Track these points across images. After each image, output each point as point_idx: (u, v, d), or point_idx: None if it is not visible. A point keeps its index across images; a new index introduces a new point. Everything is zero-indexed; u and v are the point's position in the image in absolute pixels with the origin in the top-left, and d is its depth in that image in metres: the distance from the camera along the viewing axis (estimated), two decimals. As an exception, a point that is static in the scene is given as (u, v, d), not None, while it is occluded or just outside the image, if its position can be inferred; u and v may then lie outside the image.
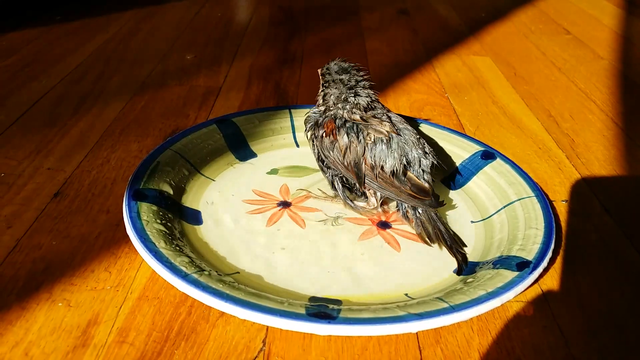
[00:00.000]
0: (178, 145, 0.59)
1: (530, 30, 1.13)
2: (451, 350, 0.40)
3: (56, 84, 0.79)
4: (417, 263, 0.48)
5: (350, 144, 0.50)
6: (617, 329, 0.42)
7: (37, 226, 0.50)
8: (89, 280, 0.44)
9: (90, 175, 0.58)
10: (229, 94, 0.79)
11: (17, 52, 0.90)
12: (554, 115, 0.77)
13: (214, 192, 0.56)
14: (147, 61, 0.90)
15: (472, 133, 0.70)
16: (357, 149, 0.50)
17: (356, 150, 0.50)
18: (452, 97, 0.81)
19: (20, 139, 0.64)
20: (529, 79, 0.89)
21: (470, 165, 0.60)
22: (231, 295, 0.39)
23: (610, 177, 0.63)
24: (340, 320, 0.38)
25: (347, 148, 0.50)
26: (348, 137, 0.50)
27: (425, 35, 1.08)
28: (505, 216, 0.53)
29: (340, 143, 0.51)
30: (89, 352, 0.38)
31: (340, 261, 0.48)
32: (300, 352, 0.39)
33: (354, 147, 0.50)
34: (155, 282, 0.44)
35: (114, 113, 0.72)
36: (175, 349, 0.38)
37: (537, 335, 0.41)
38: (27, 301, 0.42)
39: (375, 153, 0.50)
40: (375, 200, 0.53)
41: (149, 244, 0.44)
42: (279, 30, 1.09)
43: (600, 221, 0.55)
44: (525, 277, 0.43)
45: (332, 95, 0.53)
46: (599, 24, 1.20)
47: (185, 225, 0.50)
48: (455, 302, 0.40)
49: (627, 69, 0.95)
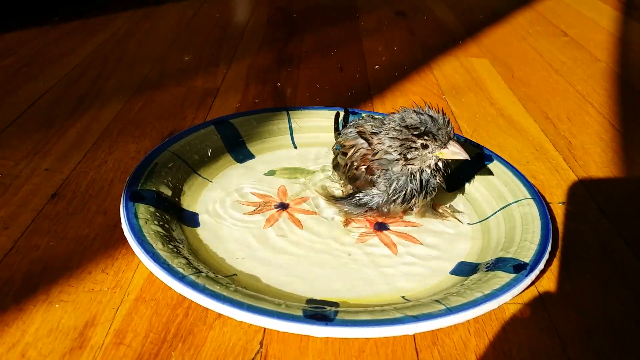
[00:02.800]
0: (176, 146, 0.59)
1: (528, 33, 1.13)
2: (448, 352, 0.40)
3: (54, 84, 0.79)
4: (414, 265, 0.48)
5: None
6: (613, 331, 0.42)
7: (34, 227, 0.50)
8: (86, 281, 0.44)
9: (87, 177, 0.58)
10: (227, 95, 0.79)
11: (14, 53, 0.90)
12: (551, 118, 0.77)
13: (212, 193, 0.56)
14: (144, 62, 0.90)
15: (470, 135, 0.71)
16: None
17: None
18: (449, 99, 0.81)
19: (17, 140, 0.64)
20: (526, 81, 0.89)
21: (467, 167, 0.60)
22: (228, 297, 0.39)
23: (607, 180, 0.63)
24: (337, 322, 0.38)
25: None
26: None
27: (422, 37, 1.09)
28: (502, 218, 0.53)
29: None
30: (86, 353, 0.38)
31: (338, 263, 0.48)
32: (297, 354, 0.39)
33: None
34: (153, 284, 0.44)
35: (112, 114, 0.71)
36: (172, 351, 0.38)
37: (534, 338, 0.41)
38: (24, 303, 0.42)
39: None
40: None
41: (146, 246, 0.44)
42: (277, 31, 1.09)
43: (597, 223, 0.55)
44: (522, 279, 0.43)
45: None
46: (597, 26, 1.20)
47: (182, 226, 0.50)
48: (452, 304, 0.40)
49: (624, 72, 0.95)
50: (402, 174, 0.50)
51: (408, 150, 0.49)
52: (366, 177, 0.51)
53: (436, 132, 0.48)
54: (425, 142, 0.48)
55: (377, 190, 0.51)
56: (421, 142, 0.48)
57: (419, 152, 0.49)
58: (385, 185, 0.50)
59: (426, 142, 0.48)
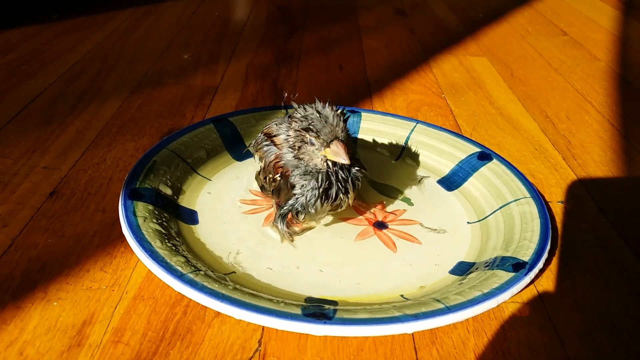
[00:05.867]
0: (175, 144, 0.59)
1: (527, 31, 1.13)
2: (447, 351, 0.40)
3: (53, 82, 0.79)
4: (413, 264, 0.48)
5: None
6: (612, 329, 0.42)
7: (32, 225, 0.50)
8: (84, 279, 0.44)
9: (86, 174, 0.58)
10: (226, 93, 0.79)
11: (14, 50, 0.90)
12: (551, 116, 0.77)
13: (211, 191, 0.56)
14: (144, 60, 0.90)
15: (469, 134, 0.71)
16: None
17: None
18: (449, 98, 0.81)
19: (16, 137, 0.64)
20: (525, 79, 0.89)
21: (467, 166, 0.60)
22: (227, 295, 0.39)
23: (606, 178, 0.63)
24: (336, 320, 0.38)
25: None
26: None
27: (422, 36, 1.08)
28: (501, 217, 0.53)
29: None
30: (84, 351, 0.38)
31: (337, 262, 0.48)
32: (295, 352, 0.39)
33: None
34: (151, 282, 0.44)
35: (111, 112, 0.71)
36: (170, 349, 0.38)
37: (533, 336, 0.41)
38: (22, 300, 0.42)
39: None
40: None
41: (144, 244, 0.44)
42: (277, 29, 1.08)
43: (596, 222, 0.55)
44: (521, 277, 0.43)
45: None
46: (596, 25, 1.20)
47: (181, 224, 0.50)
48: (451, 303, 0.40)
49: (623, 71, 0.95)
50: (318, 169, 0.47)
51: (300, 145, 0.47)
52: (285, 183, 0.48)
53: (321, 129, 0.45)
54: (310, 138, 0.46)
55: (297, 190, 0.48)
56: (307, 138, 0.46)
57: (306, 147, 0.47)
58: (304, 184, 0.47)
59: (311, 137, 0.46)
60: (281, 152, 0.49)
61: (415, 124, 0.66)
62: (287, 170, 0.48)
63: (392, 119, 0.67)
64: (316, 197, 0.47)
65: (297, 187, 0.48)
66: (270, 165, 0.50)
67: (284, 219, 0.49)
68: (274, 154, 0.50)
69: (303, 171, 0.48)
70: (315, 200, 0.47)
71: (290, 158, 0.48)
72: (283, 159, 0.49)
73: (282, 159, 0.49)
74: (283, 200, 0.49)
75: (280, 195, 0.49)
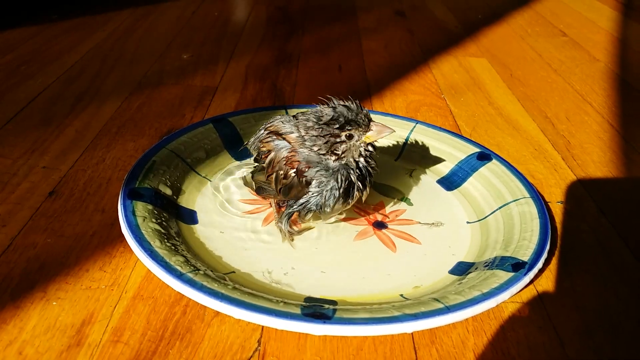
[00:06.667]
0: (174, 144, 0.59)
1: (527, 32, 1.14)
2: (446, 351, 0.40)
3: (52, 82, 0.79)
4: (413, 263, 0.48)
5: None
6: (612, 329, 0.42)
7: (31, 225, 0.50)
8: (83, 279, 0.44)
9: (85, 174, 0.58)
10: (226, 93, 0.79)
11: (13, 51, 0.90)
12: (550, 117, 0.77)
13: (210, 191, 0.56)
14: (143, 60, 0.90)
15: (468, 134, 0.71)
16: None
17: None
18: (448, 98, 0.81)
19: (15, 138, 0.64)
20: (525, 80, 0.89)
21: (466, 166, 0.60)
22: (226, 295, 0.39)
23: (606, 179, 0.63)
24: (335, 320, 0.38)
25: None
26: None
27: (421, 36, 1.08)
28: (500, 217, 0.53)
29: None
30: (83, 351, 0.38)
31: (336, 261, 0.48)
32: (295, 352, 0.39)
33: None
34: (150, 282, 0.44)
35: (110, 112, 0.71)
36: (170, 349, 0.38)
37: (533, 336, 0.41)
38: (21, 300, 0.42)
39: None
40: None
41: (144, 243, 0.44)
42: (276, 29, 1.08)
43: (596, 222, 0.55)
44: (521, 277, 0.43)
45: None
46: (595, 26, 1.20)
47: (180, 224, 0.50)
48: (450, 303, 0.40)
49: (623, 71, 0.95)
50: (339, 167, 0.47)
51: (336, 146, 0.46)
52: (300, 180, 0.47)
53: (356, 118, 0.46)
54: (349, 133, 0.46)
55: (313, 188, 0.47)
56: (345, 134, 0.46)
57: (347, 144, 0.47)
58: (323, 181, 0.47)
59: (349, 131, 0.46)
60: (295, 148, 0.48)
61: (415, 124, 0.66)
62: (303, 165, 0.47)
63: (392, 119, 0.67)
64: (335, 198, 0.47)
65: (314, 185, 0.47)
66: (282, 160, 0.48)
67: (289, 218, 0.49)
68: (288, 149, 0.48)
69: (324, 167, 0.47)
70: (335, 201, 0.47)
71: (308, 153, 0.47)
72: (300, 154, 0.47)
73: (298, 154, 0.47)
74: (294, 197, 0.48)
75: (290, 193, 0.48)
